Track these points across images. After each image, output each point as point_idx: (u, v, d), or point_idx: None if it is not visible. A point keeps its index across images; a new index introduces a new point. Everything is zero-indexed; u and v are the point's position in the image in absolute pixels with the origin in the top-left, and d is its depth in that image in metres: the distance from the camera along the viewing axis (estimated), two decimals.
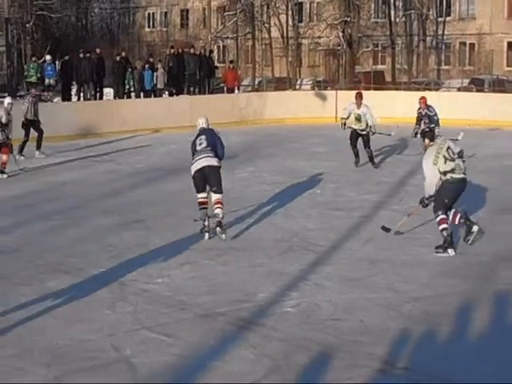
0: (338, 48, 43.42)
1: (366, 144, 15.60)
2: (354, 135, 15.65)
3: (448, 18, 44.17)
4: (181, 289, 7.77)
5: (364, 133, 15.53)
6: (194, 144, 10.29)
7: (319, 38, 45.67)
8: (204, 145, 10.11)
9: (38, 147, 17.31)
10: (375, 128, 15.65)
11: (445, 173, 9.10)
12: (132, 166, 16.18)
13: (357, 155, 15.66)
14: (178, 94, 25.28)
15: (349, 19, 40.51)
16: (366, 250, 9.31)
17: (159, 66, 25.14)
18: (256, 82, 39.68)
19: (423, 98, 16.68)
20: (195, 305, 7.27)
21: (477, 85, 32.55)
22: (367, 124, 15.50)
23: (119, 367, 5.90)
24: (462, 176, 9.22)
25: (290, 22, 44.24)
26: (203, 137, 10.26)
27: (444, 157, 9.12)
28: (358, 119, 15.49)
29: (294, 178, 14.29)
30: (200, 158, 10.01)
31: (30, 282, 7.99)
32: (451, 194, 9.21)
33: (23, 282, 8.03)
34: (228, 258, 8.95)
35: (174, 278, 8.16)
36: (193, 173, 10.07)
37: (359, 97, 15.80)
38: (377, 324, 6.76)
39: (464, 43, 44.93)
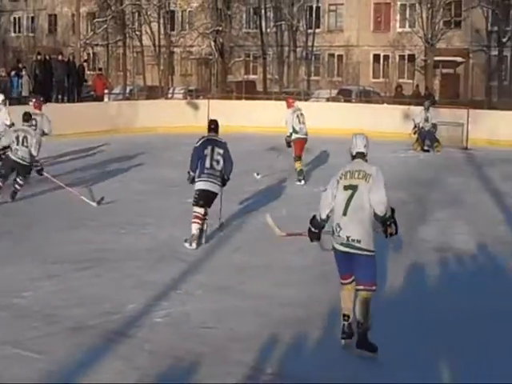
0: (210, 57, 43.64)
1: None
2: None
3: (317, 30, 45.22)
4: (49, 302, 7.59)
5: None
6: (203, 154, 9.94)
7: (191, 46, 45.71)
8: (218, 167, 9.97)
9: None
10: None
11: None
12: None
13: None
14: (45, 102, 24.65)
15: (220, 29, 40.77)
16: (237, 257, 9.42)
17: (23, 72, 24.44)
18: (127, 91, 39.25)
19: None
20: (64, 318, 7.12)
21: (345, 95, 33.52)
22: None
23: None
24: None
25: (162, 31, 44.06)
26: (220, 151, 10.01)
27: None
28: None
29: (164, 187, 14.26)
30: (207, 181, 9.95)
31: None
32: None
33: None
34: (98, 269, 8.81)
35: (41, 290, 7.96)
36: (197, 189, 10.00)
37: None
38: (247, 331, 6.85)
39: (333, 55, 46.15)
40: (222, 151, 10.04)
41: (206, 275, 8.62)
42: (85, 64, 30.93)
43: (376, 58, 44.44)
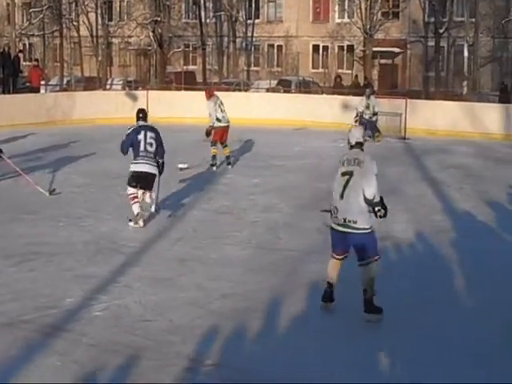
0: (149, 48, 43.30)
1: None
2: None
3: (257, 21, 45.30)
4: None
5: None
6: (136, 139, 10.48)
7: (130, 37, 45.30)
8: (151, 149, 10.44)
9: None
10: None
11: None
12: None
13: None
14: None
15: (159, 19, 40.44)
16: (176, 249, 9.35)
17: None
18: (64, 82, 38.66)
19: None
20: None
21: (284, 86, 33.61)
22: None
23: None
24: None
25: (100, 21, 43.54)
26: (152, 135, 10.59)
27: None
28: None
29: (104, 180, 14.08)
30: (144, 163, 10.41)
31: None
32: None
33: None
34: (34, 263, 8.64)
35: None
36: (132, 170, 10.49)
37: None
38: (186, 323, 6.81)
39: (272, 45, 46.28)
40: (154, 135, 10.58)
41: (144, 267, 8.53)
42: (20, 55, 30.33)
43: (315, 48, 44.73)
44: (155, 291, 7.71)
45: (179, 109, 24.83)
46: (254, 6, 45.43)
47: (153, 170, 10.45)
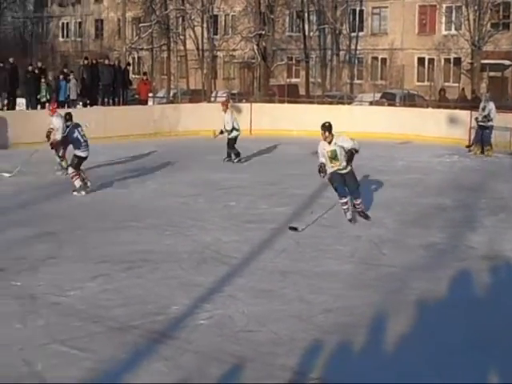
0: (253, 61, 43.69)
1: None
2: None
3: (361, 33, 45.09)
4: (93, 302, 7.68)
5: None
6: (75, 133, 14.15)
7: (234, 50, 45.90)
8: (87, 140, 14.25)
9: None
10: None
11: None
12: (41, 178, 15.82)
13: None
14: (91, 105, 25.00)
15: (263, 32, 40.78)
16: (279, 261, 9.41)
17: (71, 76, 24.81)
18: (171, 94, 39.54)
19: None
20: (108, 318, 7.19)
21: (388, 99, 33.27)
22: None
23: (31, 382, 5.80)
24: None
25: (205, 35, 44.31)
26: (81, 130, 14.31)
27: None
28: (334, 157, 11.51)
29: (208, 190, 14.33)
30: (87, 150, 14.20)
31: None
32: None
33: None
34: (142, 270, 8.90)
35: (86, 290, 8.06)
36: (82, 155, 14.09)
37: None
38: (289, 335, 6.84)
39: (376, 58, 45.94)
40: (82, 132, 14.29)
41: (248, 278, 8.63)
42: (129, 68, 31.20)
43: (421, 61, 44.09)
44: (258, 302, 7.79)
45: (282, 121, 24.97)
46: (357, 18, 45.25)
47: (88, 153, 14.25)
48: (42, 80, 23.95)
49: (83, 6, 56.06)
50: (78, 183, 13.97)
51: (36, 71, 24.61)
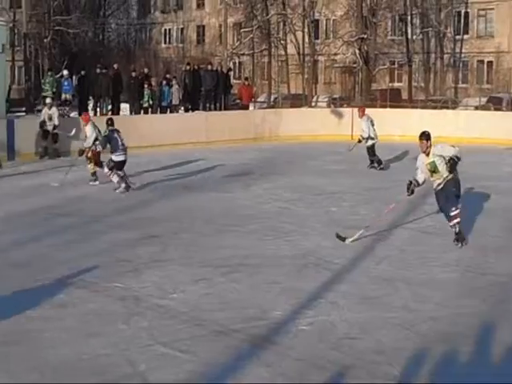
0: (355, 65, 43.42)
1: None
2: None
3: (466, 36, 44.14)
4: (196, 305, 7.74)
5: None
6: (115, 138, 14.85)
7: (335, 55, 45.72)
8: (125, 145, 14.92)
9: None
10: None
11: None
12: (146, 182, 16.16)
13: None
14: (193, 110, 25.37)
15: (365, 36, 40.52)
16: (382, 268, 9.26)
17: (174, 82, 25.25)
18: (272, 99, 39.73)
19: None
20: (210, 321, 7.23)
21: (495, 103, 32.40)
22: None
23: (134, 382, 5.88)
24: None
25: (307, 39, 44.34)
26: (121, 136, 15.00)
27: None
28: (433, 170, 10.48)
29: (309, 196, 14.28)
30: (124, 154, 14.85)
31: (42, 296, 7.97)
32: None
33: (38, 294, 8.03)
34: (243, 274, 8.92)
35: (188, 294, 8.14)
36: (118, 160, 14.78)
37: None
38: (393, 344, 6.70)
39: (482, 61, 44.85)
40: (121, 136, 14.99)
41: (350, 285, 8.51)
42: (230, 73, 31.50)
43: None
44: (361, 309, 7.67)
45: (384, 126, 24.60)
46: (462, 21, 44.32)
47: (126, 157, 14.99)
48: (145, 86, 24.45)
49: (185, 12, 57.06)
50: (115, 179, 14.82)
51: (139, 77, 25.15)
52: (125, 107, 25.95)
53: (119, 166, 14.88)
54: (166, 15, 58.60)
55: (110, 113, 24.42)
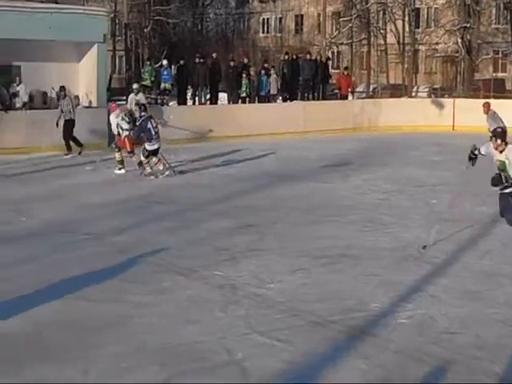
0: (456, 55, 42.43)
1: None
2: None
3: None
4: (293, 295, 7.72)
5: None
6: (148, 129, 14.95)
7: (437, 44, 44.82)
8: (158, 132, 15.20)
9: None
10: None
11: None
12: (244, 171, 16.28)
13: None
14: (291, 100, 25.34)
15: (468, 25, 39.50)
16: (484, 263, 9.00)
17: (272, 71, 25.28)
18: (371, 89, 39.31)
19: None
20: (307, 312, 7.19)
21: None
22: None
23: (230, 370, 5.91)
24: None
25: (407, 28, 43.59)
26: (154, 123, 15.23)
27: None
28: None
29: (409, 187, 14.06)
30: (158, 142, 15.17)
31: (144, 281, 8.14)
32: None
33: (137, 280, 8.19)
34: (341, 265, 8.84)
35: (286, 283, 8.12)
36: (151, 149, 15.07)
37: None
38: (494, 340, 6.50)
39: None
40: (155, 124, 15.27)
41: (452, 279, 8.31)
42: (329, 62, 31.30)
43: None
44: (462, 304, 7.47)
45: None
46: None
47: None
48: (244, 75, 24.58)
49: (283, 1, 57.05)
50: (148, 169, 15.29)
51: (238, 66, 25.30)
52: (223, 96, 26.18)
53: (154, 153, 15.20)
54: (265, 4, 58.75)
55: (208, 102, 24.71)
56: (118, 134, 15.79)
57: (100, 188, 14.30)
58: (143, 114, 15.28)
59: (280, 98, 25.91)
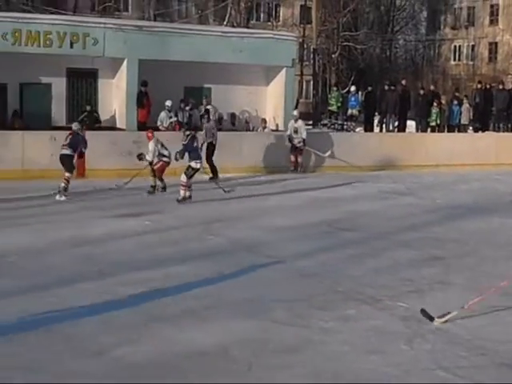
0: None
1: None
2: None
3: None
4: (480, 333, 7.49)
5: None
6: (194, 149, 14.92)
7: None
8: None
9: None
10: None
11: None
12: (431, 201, 16.02)
13: None
14: (483, 131, 24.66)
15: None
16: None
17: (465, 101, 24.74)
18: None
19: None
20: (495, 352, 6.95)
21: None
22: None
23: None
24: None
25: None
26: (199, 142, 15.54)
27: None
28: None
29: None
30: (200, 162, 15.07)
31: (329, 308, 8.20)
32: None
33: (323, 306, 8.26)
34: None
35: (472, 320, 7.89)
36: (196, 167, 14.86)
37: None
38: None
39: None
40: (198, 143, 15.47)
41: None
42: None
43: None
44: None
45: None
46: None
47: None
48: (434, 104, 24.21)
49: (477, 28, 55.68)
50: (182, 193, 14.74)
51: (428, 94, 24.97)
52: (410, 124, 25.93)
53: (195, 174, 14.98)
54: (457, 31, 57.62)
55: (395, 130, 24.56)
56: (151, 162, 15.73)
57: (287, 211, 14.56)
58: (187, 132, 15.14)
59: (471, 128, 25.28)
